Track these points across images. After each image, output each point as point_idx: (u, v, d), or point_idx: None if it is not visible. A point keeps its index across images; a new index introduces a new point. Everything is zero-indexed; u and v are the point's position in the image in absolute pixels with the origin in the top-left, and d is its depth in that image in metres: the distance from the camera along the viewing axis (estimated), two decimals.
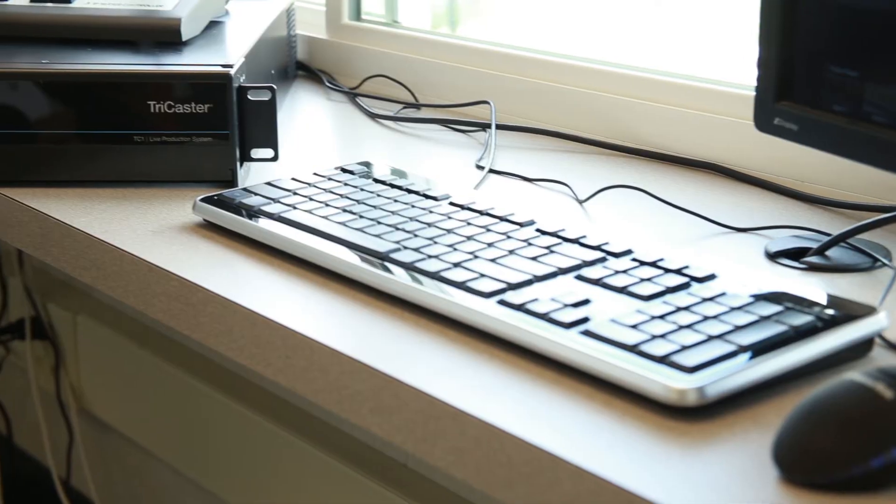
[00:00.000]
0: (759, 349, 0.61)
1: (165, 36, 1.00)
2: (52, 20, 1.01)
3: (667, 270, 0.70)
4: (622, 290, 0.68)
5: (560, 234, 0.76)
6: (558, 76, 1.14)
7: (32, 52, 0.96)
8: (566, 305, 0.66)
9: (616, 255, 0.73)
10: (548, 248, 0.74)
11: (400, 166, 0.93)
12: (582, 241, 0.75)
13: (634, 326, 0.63)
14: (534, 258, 0.73)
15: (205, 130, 0.91)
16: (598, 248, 0.74)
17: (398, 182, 0.88)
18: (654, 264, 0.71)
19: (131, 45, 1.00)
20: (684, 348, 0.60)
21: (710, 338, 0.62)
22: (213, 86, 0.90)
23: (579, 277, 0.70)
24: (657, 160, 1.02)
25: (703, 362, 0.59)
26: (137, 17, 1.01)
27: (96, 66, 0.92)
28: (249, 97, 0.92)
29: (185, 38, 1.00)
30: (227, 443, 1.40)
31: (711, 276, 0.69)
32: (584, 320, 0.64)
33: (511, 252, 0.74)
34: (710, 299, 0.66)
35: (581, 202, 0.91)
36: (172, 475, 1.53)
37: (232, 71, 0.91)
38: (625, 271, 0.70)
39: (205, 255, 0.80)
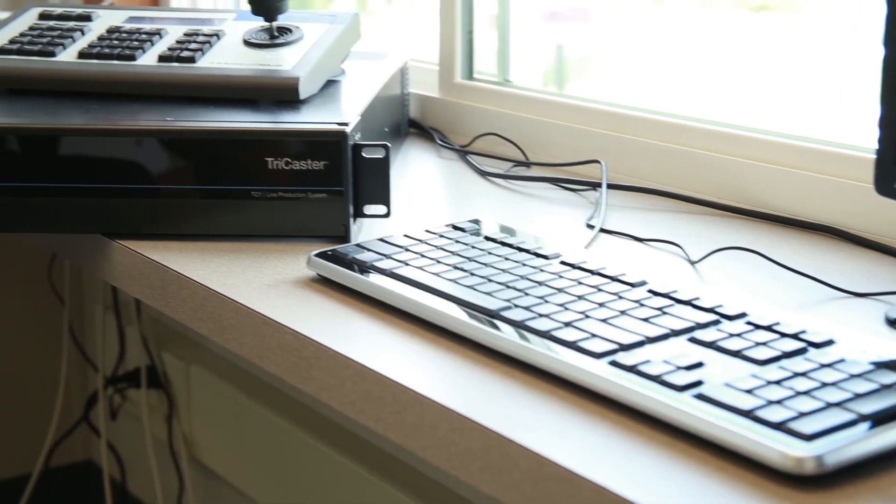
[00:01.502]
0: (881, 418, 0.59)
1: (284, 95, 1.03)
2: (178, 79, 1.05)
3: (783, 335, 0.69)
4: (737, 354, 0.67)
5: (672, 295, 0.75)
6: (670, 136, 1.14)
7: (158, 110, 1.00)
8: (679, 368, 0.65)
9: (730, 318, 0.72)
10: (660, 309, 0.73)
11: (510, 224, 0.93)
12: (695, 302, 0.74)
13: (749, 391, 0.62)
14: (646, 319, 0.72)
15: (320, 187, 0.93)
16: (711, 310, 0.73)
17: (508, 240, 0.88)
18: (769, 328, 0.70)
19: (251, 104, 1.03)
20: (802, 415, 0.59)
21: (829, 405, 0.60)
22: (330, 143, 0.92)
23: (692, 340, 0.69)
24: (772, 222, 1.01)
25: (821, 430, 0.58)
26: (258, 76, 1.04)
27: (218, 124, 0.95)
28: (364, 154, 0.94)
29: (303, 96, 1.03)
30: (335, 497, 1.40)
31: (829, 342, 0.68)
32: (698, 383, 0.63)
33: (622, 312, 0.73)
34: (828, 365, 0.65)
35: (693, 263, 0.90)
36: None
37: (348, 129, 0.93)
38: (739, 335, 0.69)
39: (318, 310, 0.81)
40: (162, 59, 1.07)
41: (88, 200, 0.94)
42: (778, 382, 0.63)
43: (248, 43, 1.09)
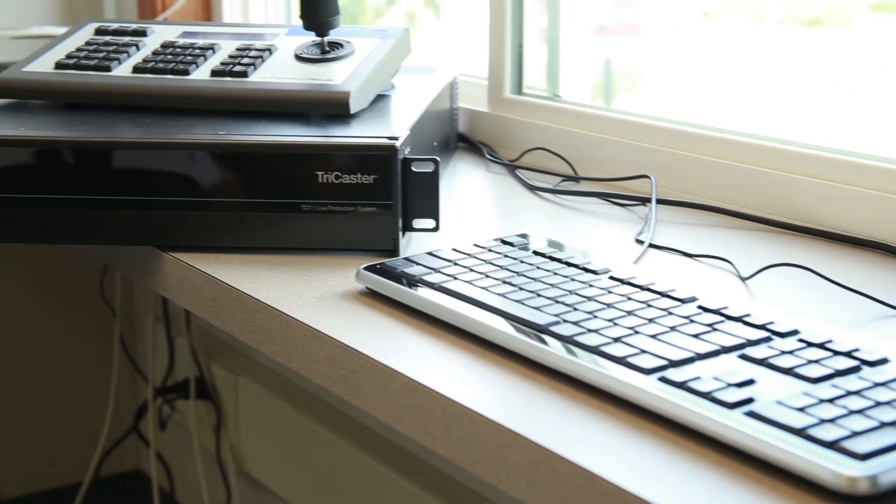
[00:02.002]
0: None
1: (335, 109, 1.04)
2: (230, 94, 1.06)
3: (835, 353, 0.68)
4: (788, 372, 0.66)
5: (723, 311, 0.75)
6: (721, 151, 1.13)
7: (210, 124, 1.01)
8: (730, 385, 0.65)
9: (782, 335, 0.71)
10: (710, 325, 0.73)
11: (558, 239, 0.93)
12: (746, 319, 0.74)
13: (802, 409, 0.61)
14: (696, 335, 0.72)
15: (369, 200, 0.93)
16: (762, 327, 0.72)
17: (557, 255, 0.88)
18: (822, 346, 0.69)
19: (302, 118, 1.04)
20: (855, 434, 0.58)
21: (883, 424, 0.59)
22: (380, 157, 0.93)
23: (743, 357, 0.69)
24: (824, 239, 1.00)
25: (875, 449, 0.57)
26: (309, 90, 1.05)
27: (269, 138, 0.96)
28: (413, 169, 0.94)
29: (353, 111, 1.04)
30: None
31: (883, 360, 0.67)
32: (749, 401, 0.63)
33: (672, 328, 0.73)
34: (883, 384, 0.64)
35: (744, 280, 0.89)
36: None
37: (398, 143, 0.93)
38: (791, 352, 0.69)
39: (367, 323, 0.81)
40: (215, 73, 1.08)
41: (142, 213, 0.95)
42: (831, 401, 0.62)
43: (299, 58, 1.10)
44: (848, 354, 0.68)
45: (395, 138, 0.94)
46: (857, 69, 1.15)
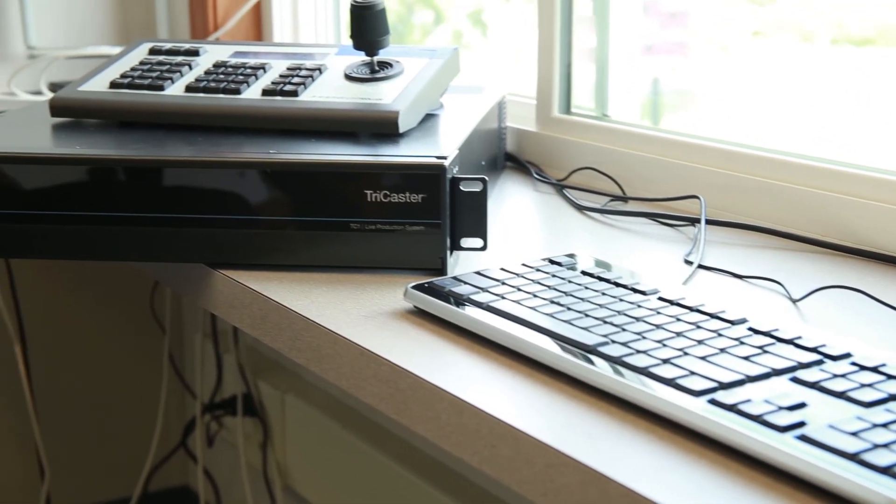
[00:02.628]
0: None
1: (384, 128, 1.04)
2: (281, 113, 1.07)
3: (889, 377, 0.67)
4: (841, 395, 0.65)
5: (774, 333, 0.74)
6: (770, 171, 1.12)
7: (261, 143, 1.02)
8: (781, 408, 0.64)
9: (834, 358, 0.70)
10: (761, 347, 0.72)
11: (607, 259, 0.93)
12: (797, 341, 0.73)
13: (855, 434, 0.60)
14: (746, 357, 0.71)
15: (417, 219, 0.94)
16: (814, 349, 0.72)
17: (605, 275, 0.87)
18: (875, 370, 0.68)
19: (351, 136, 1.04)
20: None
21: None
22: (428, 176, 0.93)
23: (794, 380, 0.68)
24: (876, 260, 0.98)
25: None
26: (358, 109, 1.06)
27: (319, 157, 0.97)
28: (462, 188, 0.94)
29: (402, 130, 1.04)
30: None
31: None
32: (800, 424, 0.62)
33: (722, 350, 0.72)
34: None
35: (795, 302, 0.88)
36: None
37: (446, 162, 0.93)
38: (843, 375, 0.68)
39: (415, 341, 0.81)
40: (266, 92, 1.09)
41: (193, 231, 0.96)
42: (884, 425, 0.61)
43: (349, 77, 1.11)
44: None
45: (444, 157, 0.94)
46: None
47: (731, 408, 0.65)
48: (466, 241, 0.95)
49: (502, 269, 0.90)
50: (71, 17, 1.93)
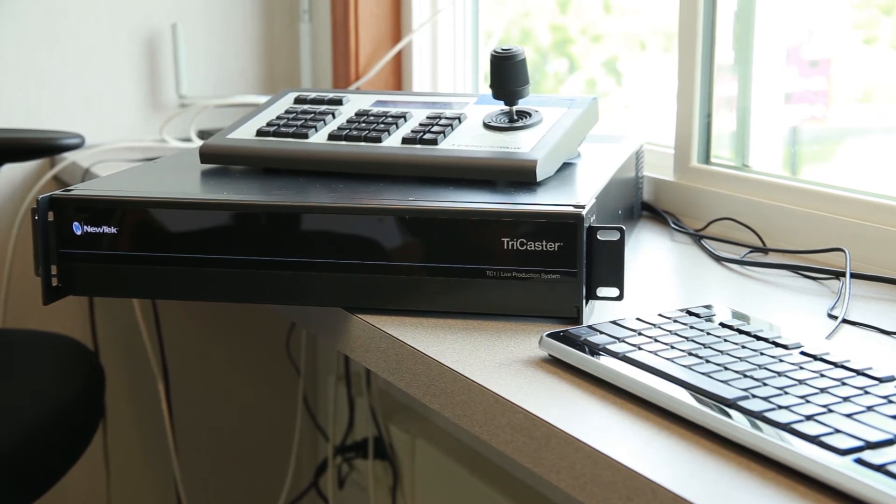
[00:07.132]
0: None
1: (521, 176, 1.05)
2: (420, 161, 1.09)
3: None
4: None
5: None
6: None
7: (400, 190, 1.04)
8: None
9: None
10: None
11: (746, 311, 0.91)
12: None
13: None
14: (895, 416, 0.69)
15: (553, 268, 0.94)
16: None
17: (745, 327, 0.86)
18: None
19: (488, 184, 1.05)
20: None
21: None
22: (565, 225, 0.93)
23: None
24: None
25: None
26: (496, 158, 1.07)
27: (458, 204, 0.98)
28: (599, 237, 0.94)
29: (539, 178, 1.05)
30: None
31: None
32: None
33: (869, 408, 0.70)
34: None
35: None
36: None
37: (584, 211, 0.93)
38: None
39: (549, 390, 0.81)
40: (406, 141, 1.11)
41: (333, 275, 0.98)
42: None
43: (487, 126, 1.12)
44: None
45: (581, 206, 0.94)
46: None
47: (880, 468, 0.62)
48: (602, 291, 0.95)
49: (638, 318, 0.89)
50: (220, 67, 2.01)
